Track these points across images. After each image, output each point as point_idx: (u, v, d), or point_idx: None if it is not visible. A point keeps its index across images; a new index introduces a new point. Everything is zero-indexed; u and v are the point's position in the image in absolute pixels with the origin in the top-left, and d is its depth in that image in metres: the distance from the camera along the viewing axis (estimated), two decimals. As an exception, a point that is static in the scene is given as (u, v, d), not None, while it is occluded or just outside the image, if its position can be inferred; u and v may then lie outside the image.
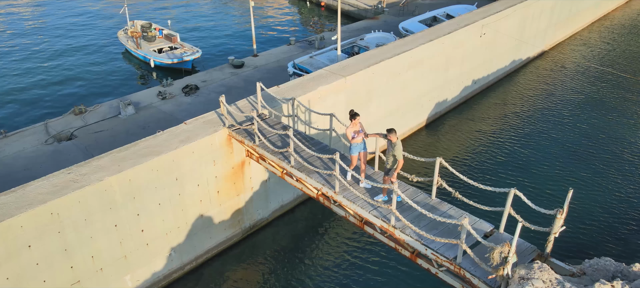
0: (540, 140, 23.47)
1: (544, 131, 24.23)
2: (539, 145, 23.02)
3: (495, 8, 26.88)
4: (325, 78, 18.53)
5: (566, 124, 24.92)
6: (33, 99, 26.34)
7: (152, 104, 22.74)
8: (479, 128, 24.55)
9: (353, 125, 11.38)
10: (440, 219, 9.12)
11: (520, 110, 26.30)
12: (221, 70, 27.14)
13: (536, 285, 7.57)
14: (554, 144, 23.13)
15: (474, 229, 9.41)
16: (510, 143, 23.17)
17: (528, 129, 24.47)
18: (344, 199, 11.35)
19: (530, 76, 30.70)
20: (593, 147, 22.88)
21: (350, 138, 11.31)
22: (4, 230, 11.27)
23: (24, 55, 32.56)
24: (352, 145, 11.43)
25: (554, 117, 25.54)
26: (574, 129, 24.46)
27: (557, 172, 20.91)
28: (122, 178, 13.06)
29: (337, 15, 31.95)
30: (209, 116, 15.89)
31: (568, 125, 24.80)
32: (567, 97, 27.78)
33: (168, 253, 15.14)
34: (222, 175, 15.65)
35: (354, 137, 11.29)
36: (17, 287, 11.92)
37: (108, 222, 13.20)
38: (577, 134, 24.01)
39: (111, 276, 13.88)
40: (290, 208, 18.95)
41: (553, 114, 25.88)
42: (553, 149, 22.68)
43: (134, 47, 31.48)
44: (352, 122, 11.38)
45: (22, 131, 20.23)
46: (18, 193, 12.20)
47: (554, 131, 24.24)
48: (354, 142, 11.39)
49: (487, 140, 23.47)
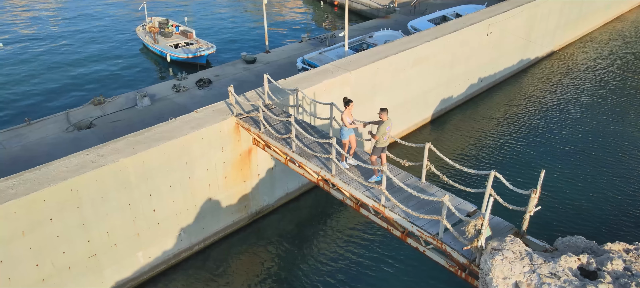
0: (543, 139, 23.78)
1: (548, 131, 24.52)
2: (541, 144, 23.34)
3: (503, 8, 27.33)
4: (331, 72, 19.32)
5: (572, 125, 25.10)
6: (56, 89, 27.68)
7: (167, 96, 23.77)
8: (483, 125, 25.04)
9: (348, 112, 12.21)
10: (424, 197, 9.84)
11: (526, 110, 26.67)
12: (234, 66, 28.09)
13: (505, 255, 8.24)
14: (557, 144, 23.37)
15: (458, 209, 10.09)
16: (514, 141, 23.60)
17: (532, 128, 24.83)
18: (340, 181, 12.13)
19: (538, 76, 31.02)
20: (598, 149, 22.90)
21: (348, 124, 12.09)
22: (29, 203, 12.32)
23: (48, 49, 34.05)
24: (347, 130, 12.22)
25: (559, 118, 25.79)
26: (580, 130, 24.60)
27: (558, 172, 21.12)
28: (136, 160, 14.04)
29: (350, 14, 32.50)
30: (219, 105, 16.82)
31: (574, 126, 24.97)
32: (575, 99, 28.00)
33: (178, 233, 16.10)
34: (230, 162, 16.55)
35: (351, 121, 12.08)
36: (39, 257, 12.97)
37: (122, 201, 14.19)
38: (582, 135, 24.15)
39: (125, 251, 14.89)
40: (295, 196, 19.78)
41: (559, 115, 26.15)
42: (556, 150, 22.90)
43: (152, 43, 32.68)
44: (347, 108, 12.19)
45: (45, 119, 21.40)
46: (42, 170, 13.26)
47: (559, 132, 24.49)
48: (350, 127, 12.18)
49: (491, 137, 23.96)
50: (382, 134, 11.19)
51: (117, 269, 14.94)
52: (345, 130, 12.41)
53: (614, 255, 8.37)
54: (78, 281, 14.09)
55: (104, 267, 14.55)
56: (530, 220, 9.33)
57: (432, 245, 10.45)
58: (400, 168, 12.20)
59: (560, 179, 20.64)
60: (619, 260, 8.23)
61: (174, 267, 16.44)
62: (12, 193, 12.27)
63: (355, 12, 43.54)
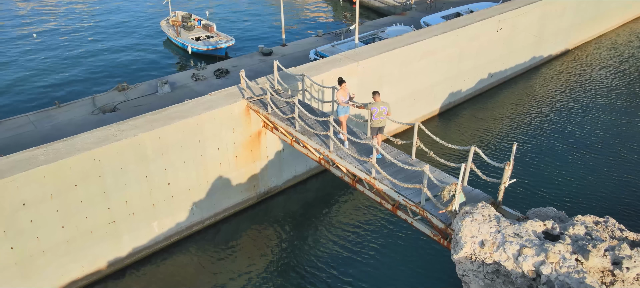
0: (550, 138, 23.81)
1: (556, 130, 24.53)
2: (548, 142, 23.38)
3: (514, 4, 27.75)
4: (339, 62, 20.27)
5: (582, 124, 25.00)
6: (83, 76, 29.44)
7: (186, 84, 25.09)
8: (492, 120, 25.50)
9: (343, 90, 13.20)
10: (411, 169, 10.71)
11: (536, 108, 26.93)
12: (251, 57, 29.29)
13: (475, 217, 9.05)
14: (565, 143, 23.34)
15: (442, 183, 10.92)
16: (521, 138, 23.84)
17: (541, 125, 25.02)
18: (337, 157, 13.10)
19: (551, 74, 31.24)
20: (608, 152, 22.72)
21: (341, 102, 13.06)
22: (57, 169, 13.68)
23: (78, 40, 35.98)
24: (341, 108, 13.20)
25: (570, 117, 25.75)
26: (589, 130, 24.45)
27: (561, 172, 21.20)
28: (153, 135, 15.29)
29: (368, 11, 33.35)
30: (231, 90, 17.97)
31: (583, 126, 24.88)
32: (587, 99, 27.95)
33: (190, 207, 17.31)
34: (240, 142, 17.69)
35: (346, 100, 13.05)
36: (64, 219, 14.33)
37: (140, 173, 15.46)
38: (590, 135, 24.00)
39: (141, 221, 16.17)
40: (303, 179, 20.81)
41: (570, 114, 26.12)
42: (563, 149, 22.86)
43: (174, 35, 34.23)
44: (341, 87, 13.23)
45: (73, 103, 22.95)
46: (69, 141, 14.64)
47: (568, 130, 24.42)
48: (343, 105, 13.14)
49: (498, 132, 24.36)
50: (371, 113, 12.11)
51: (134, 236, 16.24)
52: (340, 108, 13.40)
53: (577, 221, 9.09)
54: (99, 244, 15.43)
55: (122, 233, 15.86)
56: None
57: (417, 215, 11.31)
58: (393, 146, 13.06)
59: (564, 181, 20.72)
60: (581, 227, 8.95)
61: (186, 239, 17.68)
62: (42, 159, 13.65)
63: (373, 9, 44.35)
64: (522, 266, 8.27)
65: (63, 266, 14.93)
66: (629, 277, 8.12)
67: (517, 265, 8.34)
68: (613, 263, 8.26)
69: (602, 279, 8.35)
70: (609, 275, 8.32)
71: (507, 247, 8.51)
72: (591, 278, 7.74)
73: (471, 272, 8.88)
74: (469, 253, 8.83)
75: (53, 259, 14.59)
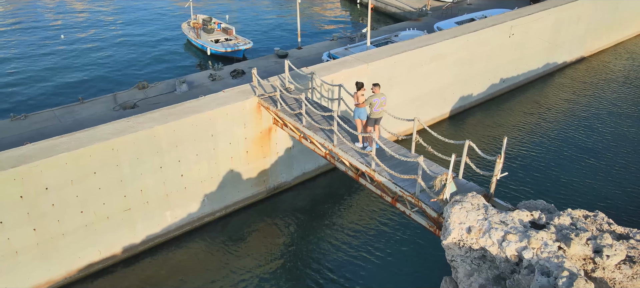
0: (561, 146, 23.63)
1: (567, 137, 24.35)
2: (558, 150, 23.25)
3: (528, 11, 27.94)
4: (350, 63, 20.86)
5: (593, 133, 24.82)
6: (106, 75, 30.73)
7: (203, 83, 26.00)
8: (502, 125, 25.66)
9: (358, 94, 13.61)
10: (406, 160, 11.20)
11: (547, 113, 26.94)
12: (267, 59, 30.13)
13: (464, 205, 9.48)
14: (575, 151, 23.17)
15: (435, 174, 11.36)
16: (530, 144, 23.88)
17: (551, 131, 24.96)
18: (340, 151, 13.65)
19: (565, 81, 31.21)
20: (620, 163, 22.48)
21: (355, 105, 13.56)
22: (78, 157, 14.59)
23: (102, 41, 37.45)
24: (357, 111, 13.62)
25: (581, 125, 25.57)
26: (600, 139, 24.23)
27: (570, 180, 21.11)
28: (168, 128, 16.11)
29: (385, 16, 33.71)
30: (244, 87, 18.72)
31: (595, 135, 24.68)
32: (602, 107, 27.78)
33: (202, 199, 18.07)
34: (251, 138, 18.39)
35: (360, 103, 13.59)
36: (84, 204, 15.22)
37: (155, 164, 16.29)
38: (602, 144, 23.75)
39: (155, 210, 16.98)
40: (312, 177, 21.40)
41: (581, 122, 25.94)
42: (572, 157, 22.70)
43: (195, 37, 35.36)
44: (359, 91, 13.61)
45: (95, 99, 24.06)
46: (89, 132, 15.57)
47: (578, 138, 24.22)
48: (362, 107, 13.57)
49: (509, 139, 24.39)
50: (372, 104, 12.66)
51: (148, 224, 17.06)
52: (356, 110, 13.83)
53: (563, 213, 9.45)
54: (115, 230, 16.29)
55: (137, 221, 16.69)
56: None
57: (413, 205, 11.77)
58: (395, 141, 13.55)
59: (571, 190, 20.66)
60: (567, 217, 9.31)
61: (197, 229, 18.42)
62: (64, 147, 14.58)
63: (389, 14, 44.88)
64: (505, 251, 8.68)
65: (81, 249, 15.81)
66: (609, 264, 8.45)
67: (501, 250, 8.75)
68: (594, 251, 8.60)
69: (584, 266, 8.70)
70: (590, 263, 8.66)
71: (492, 233, 8.92)
72: (570, 263, 8.10)
73: (459, 257, 9.30)
74: (457, 239, 9.26)
75: (72, 242, 15.48)
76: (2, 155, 14.23)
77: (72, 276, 15.98)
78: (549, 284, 7.78)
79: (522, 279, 8.31)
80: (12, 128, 19.96)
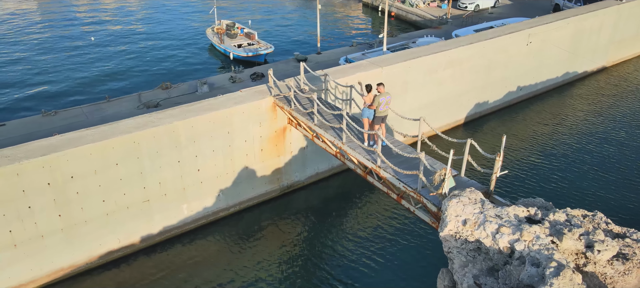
0: (575, 157, 23.34)
1: (584, 149, 24.01)
2: (574, 162, 22.92)
3: (546, 19, 27.91)
4: (364, 67, 21.34)
5: (610, 144, 24.47)
6: (132, 75, 32.03)
7: (223, 85, 26.89)
8: (519, 133, 25.59)
9: (370, 96, 14.11)
10: (411, 158, 11.59)
11: (564, 124, 26.69)
12: (286, 63, 30.91)
13: (461, 200, 9.81)
14: (591, 164, 22.79)
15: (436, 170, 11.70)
16: (546, 154, 23.64)
17: (567, 142, 24.69)
18: (348, 148, 14.12)
19: (585, 91, 30.91)
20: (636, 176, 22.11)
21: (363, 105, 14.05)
22: (102, 148, 15.46)
23: (129, 43, 38.96)
24: (364, 110, 14.13)
25: (598, 136, 25.24)
26: (619, 153, 23.74)
27: (582, 193, 20.82)
28: (187, 124, 16.88)
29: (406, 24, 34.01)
30: (260, 87, 19.40)
31: (612, 146, 24.30)
32: (621, 118, 27.41)
33: (217, 194, 18.76)
34: (266, 136, 19.03)
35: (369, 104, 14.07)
36: (105, 194, 16.08)
37: (173, 158, 17.06)
38: (620, 158, 23.29)
39: (172, 202, 17.74)
40: (325, 177, 21.89)
41: (599, 132, 25.62)
42: (587, 170, 22.31)
43: (218, 42, 36.45)
44: (369, 93, 14.14)
45: (121, 98, 25.16)
46: (113, 125, 16.46)
47: (596, 151, 23.83)
48: (371, 108, 14.05)
49: (523, 147, 24.31)
50: (377, 103, 13.12)
51: (165, 216, 17.82)
52: (363, 110, 14.34)
53: (559, 210, 9.69)
54: (133, 220, 17.10)
55: (155, 212, 17.47)
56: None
57: (416, 201, 12.12)
58: (401, 140, 13.94)
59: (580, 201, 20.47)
60: (562, 214, 9.55)
61: (212, 223, 19.11)
62: (90, 138, 15.49)
63: (410, 22, 45.24)
64: (498, 243, 8.97)
65: (102, 237, 16.67)
66: (600, 259, 8.65)
67: (495, 242, 9.04)
68: (586, 246, 8.82)
69: (576, 261, 8.92)
70: (582, 257, 8.88)
71: (487, 226, 9.23)
72: (560, 255, 8.35)
73: (455, 249, 9.62)
74: (453, 231, 9.59)
75: (93, 229, 16.35)
76: (32, 145, 15.21)
77: (93, 262, 16.84)
78: (538, 274, 8.06)
79: (513, 270, 8.60)
80: (44, 123, 21.13)
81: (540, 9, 39.90)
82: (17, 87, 29.95)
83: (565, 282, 7.65)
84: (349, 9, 53.49)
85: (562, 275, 7.72)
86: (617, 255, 8.93)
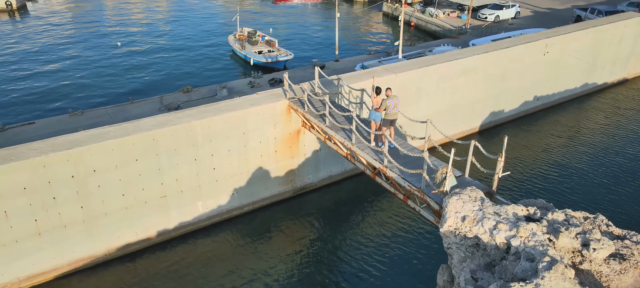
0: (591, 170, 23.00)
1: (600, 163, 23.60)
2: (587, 175, 22.67)
3: (564, 30, 27.84)
4: (379, 73, 21.73)
5: (627, 160, 24.04)
6: (155, 79, 33.16)
7: (242, 90, 27.61)
8: (533, 144, 25.43)
9: (376, 99, 14.55)
10: (411, 155, 11.91)
11: (582, 136, 26.37)
12: (304, 70, 31.53)
13: (462, 197, 10.07)
14: (606, 179, 22.45)
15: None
16: (560, 165, 23.44)
17: (584, 156, 24.36)
18: (358, 149, 14.51)
19: (604, 102, 30.58)
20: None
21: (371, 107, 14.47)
22: (123, 144, 16.23)
23: (154, 49, 40.29)
24: (372, 113, 14.53)
25: (616, 151, 24.78)
26: (637, 169, 23.33)
27: (591, 206, 20.49)
28: (204, 123, 17.55)
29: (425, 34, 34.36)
30: (276, 91, 19.99)
31: (629, 162, 23.90)
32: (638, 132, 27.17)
33: (231, 193, 19.34)
34: (280, 138, 19.56)
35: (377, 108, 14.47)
36: (125, 188, 16.82)
37: (190, 156, 17.73)
38: (636, 175, 22.86)
39: (188, 199, 18.38)
40: (338, 180, 22.27)
41: (617, 147, 25.16)
42: (601, 185, 21.99)
43: (239, 49, 37.42)
44: (378, 96, 14.57)
45: (144, 100, 26.11)
46: (134, 123, 17.24)
47: (612, 166, 23.43)
48: (379, 110, 14.45)
49: (537, 157, 24.17)
50: (385, 106, 13.50)
51: (181, 212, 18.47)
52: (371, 113, 14.77)
53: (559, 210, 9.86)
54: (151, 215, 17.80)
55: (171, 208, 18.14)
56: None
57: (421, 201, 12.41)
58: (409, 142, 14.26)
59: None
60: (561, 214, 9.72)
61: (226, 221, 19.68)
62: (112, 134, 16.28)
63: (429, 32, 45.49)
64: (495, 238, 9.20)
65: (120, 230, 17.39)
66: (595, 257, 8.80)
67: (492, 237, 9.28)
68: (582, 245, 8.98)
69: (573, 259, 9.09)
70: (578, 256, 9.04)
71: (484, 222, 9.47)
72: (554, 251, 8.54)
73: (454, 244, 9.88)
74: (453, 227, 9.85)
75: (113, 222, 17.09)
76: (59, 139, 16.08)
77: (112, 254, 17.57)
78: (531, 268, 8.28)
79: (509, 265, 8.83)
80: (70, 122, 22.15)
81: (561, 21, 39.67)
82: (47, 88, 31.37)
83: (557, 275, 7.85)
84: (369, 19, 54.11)
85: (554, 269, 7.93)
86: (615, 255, 9.06)
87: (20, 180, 14.88)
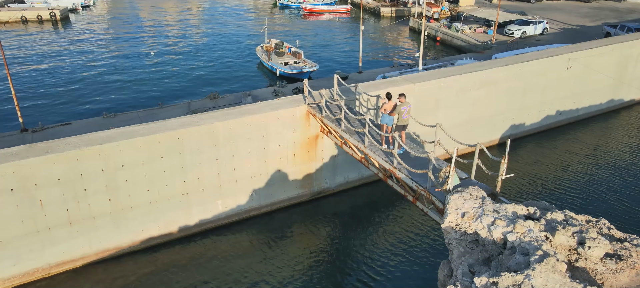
0: (615, 190, 22.53)
1: (620, 184, 23.05)
2: (603, 194, 22.24)
3: (588, 45, 27.69)
4: (397, 82, 22.24)
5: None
6: (184, 85, 34.60)
7: (267, 98, 28.48)
8: (554, 160, 25.18)
9: (389, 104, 15.12)
10: (418, 155, 12.35)
11: (604, 153, 26.06)
12: (328, 80, 32.22)
13: (463, 195, 10.44)
14: (623, 200, 21.92)
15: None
16: (581, 183, 23.09)
17: (607, 172, 23.90)
18: (370, 152, 15.03)
19: (631, 120, 30.05)
20: None
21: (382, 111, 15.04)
22: (150, 141, 17.25)
23: (185, 58, 41.98)
24: (383, 117, 15.10)
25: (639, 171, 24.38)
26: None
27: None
28: (226, 125, 18.43)
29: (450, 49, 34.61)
30: (296, 97, 20.76)
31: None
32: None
33: (250, 193, 20.09)
34: (299, 142, 20.25)
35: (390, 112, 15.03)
36: (150, 184, 17.80)
37: (212, 155, 18.61)
38: None
39: (209, 197, 19.23)
40: (355, 186, 22.74)
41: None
42: (618, 207, 21.45)
43: (266, 59, 38.60)
44: (389, 101, 15.15)
45: (172, 105, 27.40)
46: (161, 123, 18.28)
47: (632, 187, 22.86)
48: (391, 115, 15.00)
49: (558, 173, 23.90)
50: (398, 112, 14.00)
51: (202, 210, 19.32)
52: (382, 117, 15.34)
53: (558, 211, 10.12)
54: (173, 211, 18.71)
55: (193, 205, 19.01)
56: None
57: (430, 202, 12.80)
58: (420, 146, 14.69)
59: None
60: (560, 213, 9.98)
61: (244, 220, 20.41)
62: (140, 132, 17.34)
63: (455, 47, 45.67)
64: (493, 234, 9.53)
65: (145, 223, 18.36)
66: (590, 255, 9.02)
67: (490, 233, 9.60)
68: (578, 243, 9.22)
69: (569, 257, 9.33)
70: (574, 253, 9.27)
71: (483, 219, 9.82)
72: (548, 247, 8.82)
73: (455, 240, 10.24)
74: (453, 223, 10.23)
75: (138, 216, 18.07)
76: (91, 135, 17.23)
77: (135, 246, 18.53)
78: (524, 261, 8.59)
79: (504, 259, 9.15)
80: (104, 124, 23.49)
81: (590, 38, 39.22)
82: (83, 92, 33.19)
83: (548, 268, 8.15)
84: (396, 33, 54.71)
85: (545, 262, 8.23)
86: (612, 255, 9.26)
87: (55, 171, 16.04)
